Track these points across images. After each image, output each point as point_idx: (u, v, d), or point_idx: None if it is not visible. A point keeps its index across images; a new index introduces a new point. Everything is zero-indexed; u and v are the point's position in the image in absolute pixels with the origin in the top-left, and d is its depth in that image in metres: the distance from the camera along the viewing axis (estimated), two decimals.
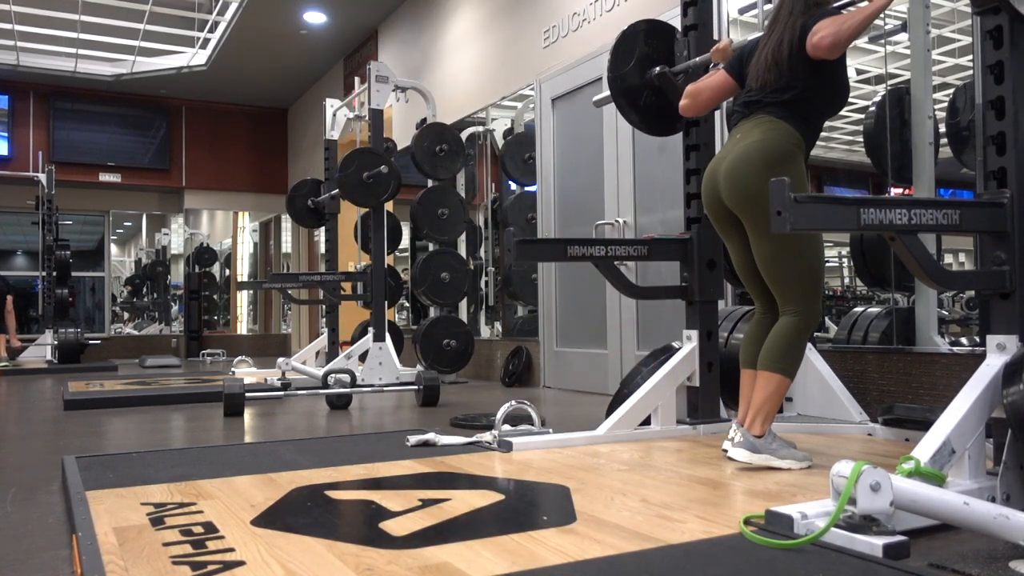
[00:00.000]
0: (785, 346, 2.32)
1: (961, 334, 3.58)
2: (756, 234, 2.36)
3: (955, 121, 3.40)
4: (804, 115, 2.39)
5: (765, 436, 2.29)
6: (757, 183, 2.29)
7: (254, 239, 13.23)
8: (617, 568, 1.44)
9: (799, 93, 2.37)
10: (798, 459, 2.28)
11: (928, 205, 1.84)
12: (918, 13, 3.45)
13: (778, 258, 2.33)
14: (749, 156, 2.34)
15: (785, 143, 2.35)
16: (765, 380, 2.32)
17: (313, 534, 1.67)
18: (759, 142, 2.35)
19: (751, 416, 2.32)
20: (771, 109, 2.40)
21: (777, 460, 2.26)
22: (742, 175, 2.34)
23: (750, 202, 2.32)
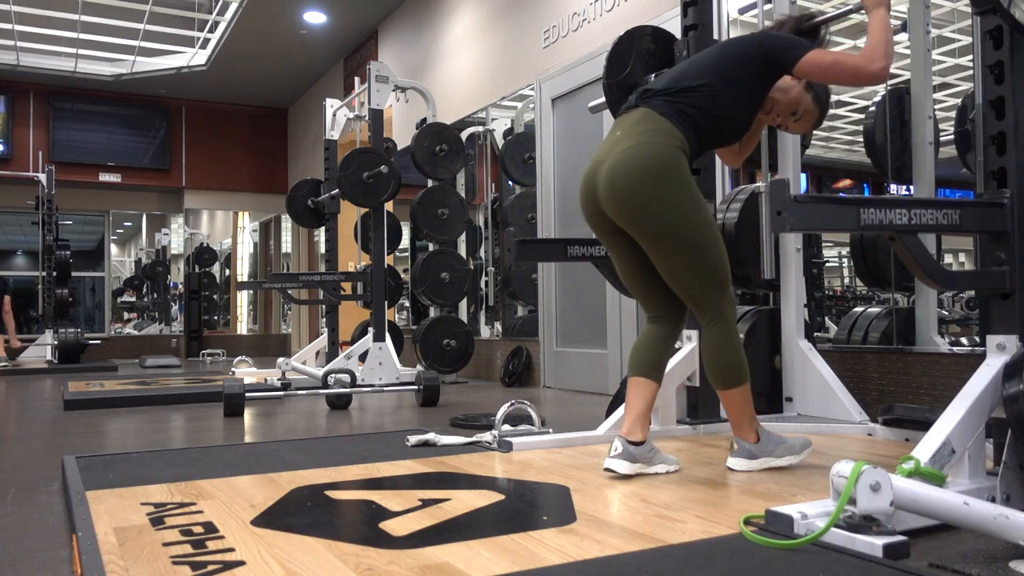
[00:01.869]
0: (726, 358, 2.24)
1: (961, 334, 3.58)
2: (655, 251, 2.20)
3: (963, 128, 3.40)
4: (690, 113, 2.19)
5: (760, 440, 2.25)
6: (642, 199, 2.12)
7: (254, 239, 13.24)
8: (617, 568, 1.44)
9: (708, 94, 2.18)
10: (796, 451, 2.26)
11: (928, 205, 1.84)
12: (918, 13, 3.45)
13: (686, 273, 2.19)
14: (626, 170, 2.14)
15: (667, 147, 2.14)
16: (727, 398, 2.27)
17: (313, 534, 1.67)
18: (639, 147, 2.14)
19: (736, 428, 2.28)
20: (658, 103, 2.20)
21: (776, 459, 2.25)
22: (624, 192, 2.15)
23: (640, 219, 2.16)
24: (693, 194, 2.16)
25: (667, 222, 2.12)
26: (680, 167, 2.14)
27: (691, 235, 2.14)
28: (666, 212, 2.12)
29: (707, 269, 2.19)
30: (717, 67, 2.20)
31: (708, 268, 2.19)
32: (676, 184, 2.12)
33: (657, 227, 2.14)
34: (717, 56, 2.24)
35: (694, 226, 2.14)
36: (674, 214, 2.12)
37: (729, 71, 2.20)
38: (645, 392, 2.28)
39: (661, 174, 2.11)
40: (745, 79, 2.21)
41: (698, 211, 2.16)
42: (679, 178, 2.13)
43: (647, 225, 2.15)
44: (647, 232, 2.17)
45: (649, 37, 3.04)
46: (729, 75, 2.19)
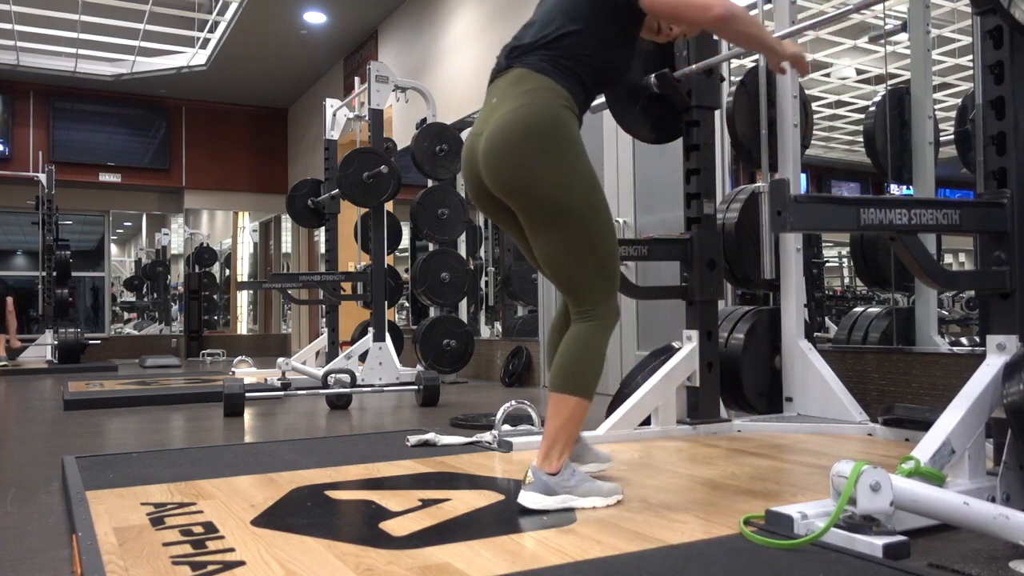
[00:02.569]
0: (580, 360, 1.89)
1: (961, 334, 3.58)
2: (534, 228, 1.93)
3: (963, 128, 3.40)
4: (571, 65, 1.94)
5: (561, 472, 1.86)
6: (523, 167, 1.86)
7: (254, 239, 13.23)
8: (617, 568, 1.44)
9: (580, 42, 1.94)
10: (604, 494, 1.88)
11: (928, 205, 1.84)
12: (918, 13, 3.45)
13: (566, 253, 1.90)
14: (506, 135, 1.88)
15: (551, 107, 1.89)
16: (557, 405, 1.89)
17: (313, 534, 1.67)
18: (519, 110, 1.89)
19: (543, 450, 1.87)
20: (531, 60, 1.95)
21: (578, 499, 1.85)
22: (503, 160, 1.89)
23: (520, 188, 1.89)
24: (583, 163, 1.91)
25: (549, 189, 1.86)
26: (568, 128, 1.90)
27: (578, 209, 1.87)
28: (549, 178, 1.85)
29: (591, 255, 1.90)
30: (579, 10, 1.96)
31: (593, 254, 1.90)
32: (563, 148, 1.88)
33: (537, 195, 1.87)
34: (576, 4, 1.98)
35: (581, 199, 1.88)
36: (559, 181, 1.86)
37: (591, 13, 1.96)
38: None
39: (546, 136, 1.86)
40: (607, 19, 1.98)
41: (587, 182, 1.90)
42: (567, 141, 1.88)
43: (527, 192, 1.88)
44: (526, 201, 1.89)
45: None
46: (593, 17, 1.96)
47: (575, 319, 1.95)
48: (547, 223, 1.89)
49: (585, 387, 1.89)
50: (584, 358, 1.90)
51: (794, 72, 3.27)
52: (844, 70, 4.10)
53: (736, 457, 2.51)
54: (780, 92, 3.28)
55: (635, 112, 3.01)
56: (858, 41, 3.95)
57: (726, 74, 3.66)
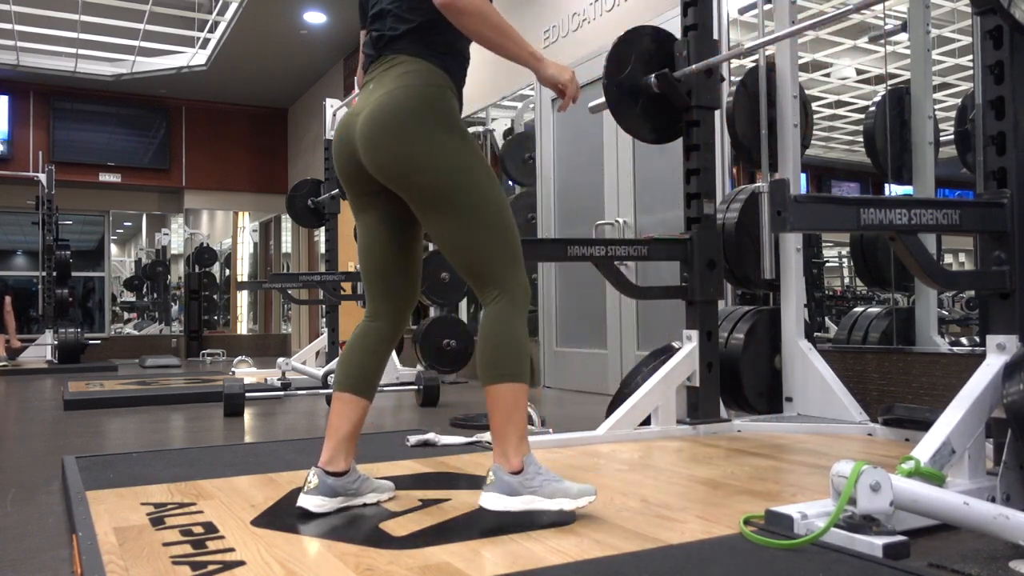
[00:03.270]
0: (499, 345, 1.79)
1: (961, 334, 3.58)
2: (424, 211, 1.85)
3: (963, 128, 3.40)
4: (443, 43, 1.88)
5: (524, 471, 1.73)
6: (407, 147, 1.79)
7: (254, 239, 13.23)
8: (617, 568, 1.44)
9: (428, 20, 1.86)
10: (572, 495, 1.74)
11: (928, 205, 1.84)
12: (918, 13, 3.45)
13: (461, 231, 1.81)
14: (385, 114, 1.81)
15: (430, 86, 1.84)
16: (492, 398, 1.78)
17: (313, 534, 1.67)
18: (397, 90, 1.82)
19: (497, 449, 1.76)
20: (402, 45, 1.88)
21: (544, 500, 1.72)
22: (384, 140, 1.81)
23: (407, 171, 1.81)
24: (466, 141, 1.85)
25: (440, 170, 1.79)
26: (448, 107, 1.85)
27: (465, 186, 1.80)
28: (437, 158, 1.79)
29: (491, 232, 1.81)
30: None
31: (492, 231, 1.82)
32: (446, 125, 1.82)
33: (421, 176, 1.80)
34: None
35: (467, 176, 1.81)
36: (447, 161, 1.80)
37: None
38: (352, 412, 1.94)
39: (425, 116, 1.80)
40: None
41: (471, 159, 1.83)
42: (448, 119, 1.83)
43: (410, 175, 1.81)
44: (416, 185, 1.81)
45: (649, 37, 3.04)
46: None
47: (485, 305, 1.84)
48: (436, 203, 1.81)
49: (513, 371, 1.77)
50: (503, 342, 1.79)
51: (794, 72, 3.28)
52: (844, 70, 4.10)
53: (736, 457, 2.51)
54: (780, 92, 3.28)
55: (635, 112, 3.00)
56: (858, 41, 3.95)
57: (726, 74, 3.66)
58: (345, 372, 1.97)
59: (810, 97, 3.62)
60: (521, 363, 1.79)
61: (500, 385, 1.78)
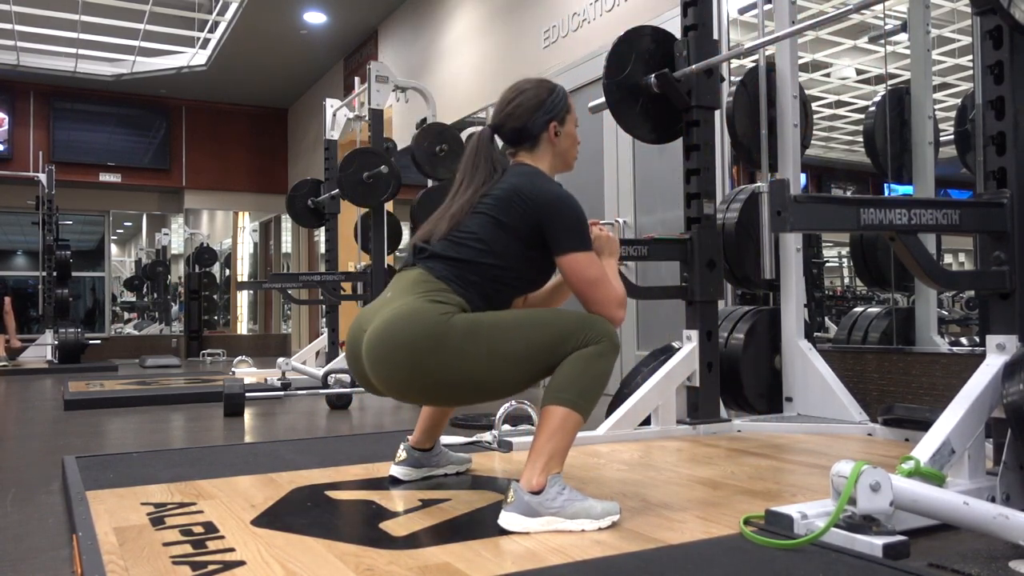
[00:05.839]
0: (575, 375, 1.75)
1: (961, 334, 3.58)
2: (456, 399, 1.87)
3: (963, 128, 3.40)
4: (477, 285, 1.85)
5: (545, 490, 1.69)
6: (403, 371, 1.75)
7: (254, 239, 13.23)
8: (617, 568, 1.44)
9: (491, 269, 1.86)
10: (595, 515, 1.71)
11: (928, 205, 1.84)
12: (918, 13, 3.45)
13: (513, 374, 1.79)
14: (392, 334, 1.76)
15: (431, 307, 1.77)
16: (548, 416, 1.75)
17: (313, 534, 1.67)
18: (403, 308, 1.78)
19: (527, 465, 1.73)
20: (437, 266, 1.86)
21: (564, 520, 1.68)
22: (387, 371, 1.78)
23: (413, 389, 1.80)
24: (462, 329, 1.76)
25: (458, 374, 1.75)
26: (439, 319, 1.76)
27: (493, 357, 1.76)
28: (448, 367, 1.74)
29: (537, 350, 1.77)
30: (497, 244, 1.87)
31: (537, 348, 1.77)
32: (441, 337, 1.74)
33: (451, 384, 1.77)
34: (493, 229, 1.88)
35: (488, 347, 1.76)
36: (460, 363, 1.75)
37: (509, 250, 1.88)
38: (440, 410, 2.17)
39: (423, 334, 1.74)
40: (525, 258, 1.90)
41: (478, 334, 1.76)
42: (441, 330, 1.74)
43: (438, 390, 1.79)
44: (444, 395, 1.82)
45: (649, 37, 3.04)
46: (512, 254, 1.88)
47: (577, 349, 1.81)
48: (476, 390, 1.79)
49: (576, 399, 1.74)
50: (578, 372, 1.76)
51: (794, 72, 3.28)
52: (844, 70, 4.10)
53: (736, 457, 2.51)
54: (780, 92, 3.28)
55: (635, 112, 3.00)
56: (858, 41, 3.95)
57: (726, 74, 3.66)
58: None
59: (810, 97, 3.62)
60: (586, 396, 1.76)
61: (557, 408, 1.74)
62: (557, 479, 1.72)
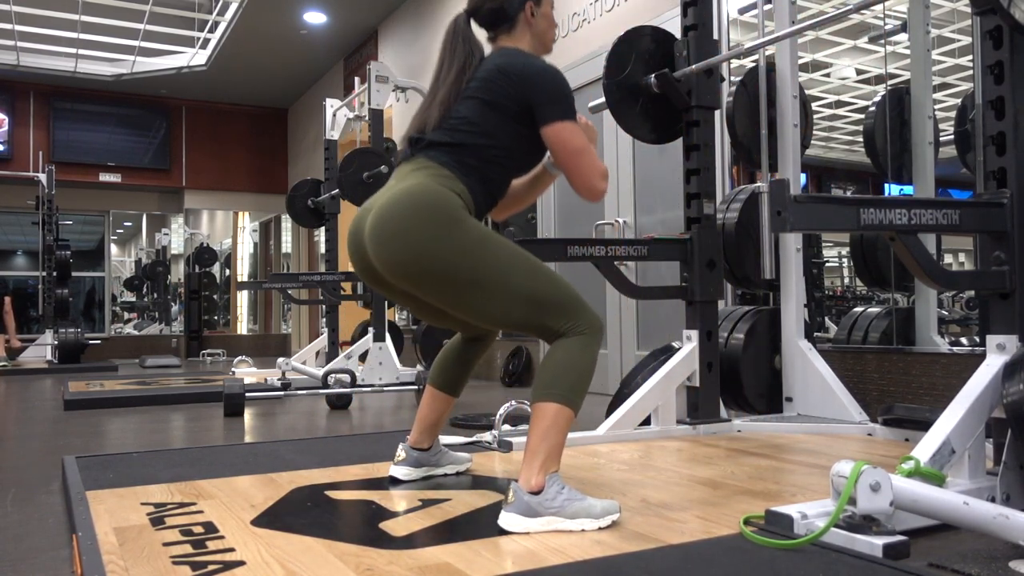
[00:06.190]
0: (561, 367, 1.76)
1: (961, 334, 3.58)
2: (451, 305, 1.84)
3: (963, 128, 3.40)
4: (475, 167, 1.89)
5: (545, 490, 1.69)
6: (417, 244, 1.76)
7: (254, 239, 13.23)
8: (617, 568, 1.44)
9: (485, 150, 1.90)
10: (595, 515, 1.70)
11: (928, 205, 1.84)
12: (918, 13, 3.45)
13: (501, 306, 1.79)
14: (392, 214, 1.79)
15: (443, 189, 1.82)
16: (537, 414, 1.75)
17: (313, 534, 1.67)
18: (410, 187, 1.82)
19: (524, 465, 1.73)
20: (435, 153, 1.90)
21: (565, 521, 1.68)
22: (393, 236, 1.78)
23: (420, 274, 1.79)
24: (475, 230, 1.81)
25: (456, 270, 1.77)
26: (455, 209, 1.80)
27: (491, 272, 1.77)
28: (442, 254, 1.76)
29: (527, 297, 1.78)
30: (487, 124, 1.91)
31: (528, 295, 1.78)
32: (453, 223, 1.78)
33: (446, 278, 1.78)
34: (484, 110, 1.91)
35: (490, 260, 1.78)
36: (461, 258, 1.76)
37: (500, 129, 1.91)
38: (441, 405, 2.18)
39: (432, 215, 1.77)
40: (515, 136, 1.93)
41: (486, 244, 1.80)
42: (455, 218, 1.79)
43: (432, 278, 1.79)
44: (435, 286, 1.81)
45: (649, 37, 3.04)
46: (502, 132, 1.91)
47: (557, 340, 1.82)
48: (462, 297, 1.80)
49: (566, 394, 1.74)
50: (566, 366, 1.76)
51: (794, 72, 3.28)
52: (844, 70, 4.10)
53: (736, 457, 2.51)
54: (780, 92, 3.28)
55: (635, 112, 3.00)
56: (858, 41, 3.95)
57: (726, 74, 3.66)
58: (440, 372, 2.19)
59: (810, 97, 3.62)
60: (574, 389, 1.76)
61: (547, 404, 1.74)
62: (556, 478, 1.72)
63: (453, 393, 2.19)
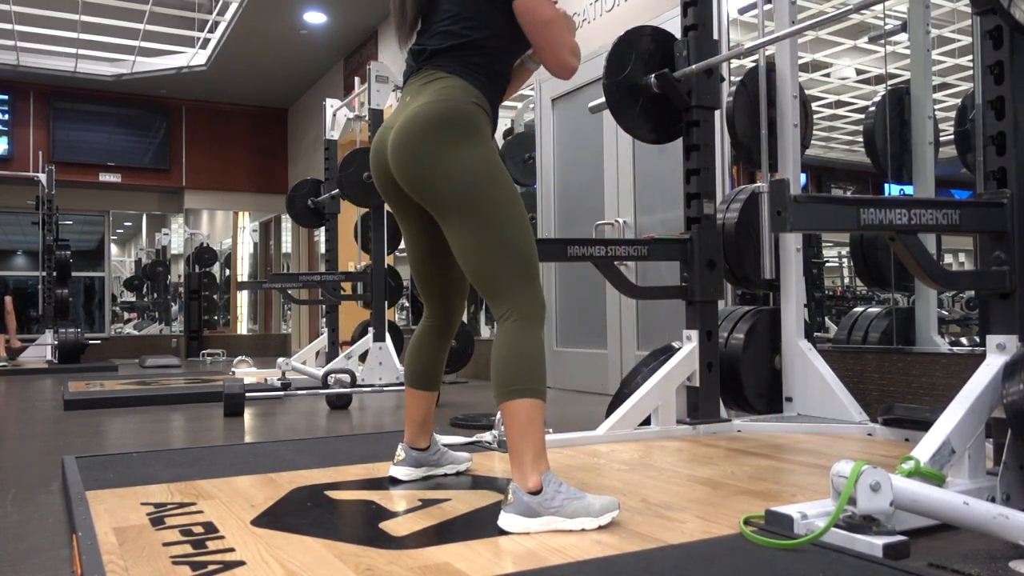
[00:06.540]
0: (514, 361, 1.77)
1: (961, 334, 3.58)
2: (446, 222, 1.87)
3: (963, 128, 3.40)
4: (482, 65, 1.93)
5: (543, 490, 1.69)
6: (431, 158, 1.83)
7: (254, 239, 13.23)
8: (617, 568, 1.44)
9: (485, 43, 1.93)
10: (594, 513, 1.70)
11: (928, 205, 1.84)
12: (918, 13, 3.46)
13: (479, 247, 1.82)
14: (416, 126, 1.86)
15: (463, 103, 1.87)
16: (508, 415, 1.75)
17: (313, 534, 1.67)
18: (430, 104, 1.87)
19: (515, 466, 1.73)
20: (442, 61, 1.93)
21: (565, 520, 1.68)
22: (411, 151, 1.86)
23: (428, 182, 1.85)
24: (493, 157, 1.88)
25: (458, 182, 1.82)
26: (477, 123, 1.87)
27: (487, 202, 1.82)
28: (458, 170, 1.82)
29: (505, 249, 1.81)
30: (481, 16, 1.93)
31: (506, 248, 1.81)
32: (473, 142, 1.84)
33: (447, 188, 1.83)
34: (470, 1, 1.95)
35: (491, 192, 1.82)
36: (467, 174, 1.82)
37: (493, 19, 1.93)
38: (423, 402, 2.21)
39: (455, 129, 1.84)
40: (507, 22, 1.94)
41: (497, 176, 1.85)
42: (476, 136, 1.86)
43: (435, 187, 1.84)
44: (435, 196, 1.85)
45: (649, 37, 3.04)
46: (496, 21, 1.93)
47: (499, 322, 1.84)
48: (459, 216, 1.83)
49: (528, 387, 1.74)
50: (515, 356, 1.77)
51: (794, 72, 3.28)
52: (844, 70, 4.10)
53: (736, 457, 2.51)
54: (780, 92, 3.28)
55: (635, 112, 3.00)
56: (858, 41, 3.95)
57: (726, 74, 3.66)
58: (411, 370, 2.21)
59: (810, 97, 3.62)
60: (534, 378, 1.76)
61: (514, 402, 1.74)
62: (551, 477, 1.72)
63: (430, 387, 2.20)
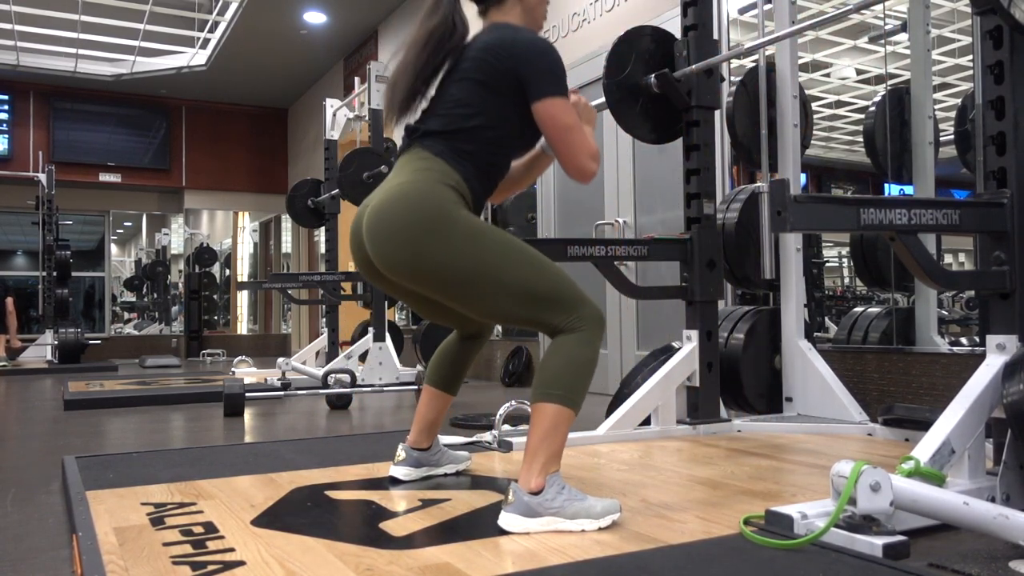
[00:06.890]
0: (560, 367, 1.74)
1: (961, 334, 3.58)
2: (450, 301, 1.84)
3: (963, 128, 3.40)
4: (469, 153, 1.86)
5: (545, 491, 1.68)
6: (405, 249, 1.76)
7: (254, 239, 13.23)
8: (617, 568, 1.44)
9: (476, 127, 1.87)
10: (595, 515, 1.69)
11: (928, 205, 1.84)
12: (918, 13, 3.46)
13: (498, 308, 1.79)
14: (384, 210, 1.80)
15: (435, 183, 1.80)
16: (536, 415, 1.73)
17: (313, 534, 1.67)
18: (401, 185, 1.81)
19: (524, 465, 1.72)
20: (431, 143, 1.88)
21: (565, 522, 1.67)
22: (388, 237, 1.78)
23: (417, 274, 1.79)
24: (470, 226, 1.78)
25: (449, 268, 1.76)
26: (448, 206, 1.78)
27: (488, 269, 1.76)
28: (445, 256, 1.75)
29: (526, 296, 1.77)
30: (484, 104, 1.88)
31: (527, 296, 1.77)
32: (445, 221, 1.76)
33: (439, 276, 1.77)
34: (476, 90, 1.88)
35: (487, 259, 1.76)
36: (458, 259, 1.75)
37: (496, 110, 1.88)
38: (439, 403, 2.19)
39: (427, 212, 1.76)
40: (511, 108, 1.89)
41: (484, 244, 1.77)
42: (447, 218, 1.76)
43: (425, 278, 1.79)
44: (429, 285, 1.80)
45: (649, 37, 3.04)
46: (497, 113, 1.89)
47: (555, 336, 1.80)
48: (463, 296, 1.79)
49: (566, 395, 1.72)
50: (565, 364, 1.74)
51: (794, 72, 3.28)
52: (844, 70, 4.10)
53: (736, 457, 2.51)
54: (780, 92, 3.28)
55: (635, 112, 3.00)
56: (858, 41, 3.95)
57: (726, 74, 3.66)
58: (437, 370, 2.20)
59: (810, 97, 3.62)
60: (574, 389, 1.74)
61: (546, 404, 1.72)
62: (556, 478, 1.71)
63: (450, 391, 2.20)
